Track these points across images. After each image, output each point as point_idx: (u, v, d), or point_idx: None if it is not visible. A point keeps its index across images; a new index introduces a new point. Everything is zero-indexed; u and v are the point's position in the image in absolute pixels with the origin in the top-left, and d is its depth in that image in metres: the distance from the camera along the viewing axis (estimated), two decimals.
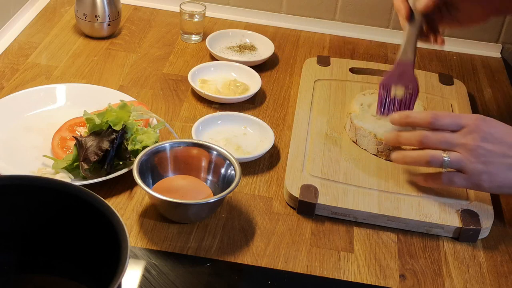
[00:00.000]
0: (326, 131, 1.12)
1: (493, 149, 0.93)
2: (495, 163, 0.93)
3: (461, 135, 0.95)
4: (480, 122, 0.94)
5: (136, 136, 1.01)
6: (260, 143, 1.09)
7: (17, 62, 1.26)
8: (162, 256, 0.91)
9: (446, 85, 1.27)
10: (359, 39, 1.46)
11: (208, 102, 1.20)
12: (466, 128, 0.94)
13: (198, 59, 1.32)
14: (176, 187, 0.98)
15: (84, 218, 0.77)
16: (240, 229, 0.96)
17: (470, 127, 0.94)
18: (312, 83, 1.24)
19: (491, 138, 0.93)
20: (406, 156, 0.99)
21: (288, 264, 0.92)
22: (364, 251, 0.95)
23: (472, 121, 0.94)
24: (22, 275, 0.82)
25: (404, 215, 0.98)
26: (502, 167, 0.93)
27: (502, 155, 0.93)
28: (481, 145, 0.93)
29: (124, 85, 1.22)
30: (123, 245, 0.70)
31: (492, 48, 1.45)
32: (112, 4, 1.33)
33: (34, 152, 1.03)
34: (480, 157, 0.93)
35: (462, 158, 0.94)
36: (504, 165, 0.93)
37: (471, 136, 0.94)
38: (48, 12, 1.43)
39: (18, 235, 0.80)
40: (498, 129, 0.94)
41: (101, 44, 1.34)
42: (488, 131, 0.94)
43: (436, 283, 0.91)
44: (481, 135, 0.93)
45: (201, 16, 1.36)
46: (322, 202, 0.98)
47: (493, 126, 0.95)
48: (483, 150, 0.93)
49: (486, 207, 1.00)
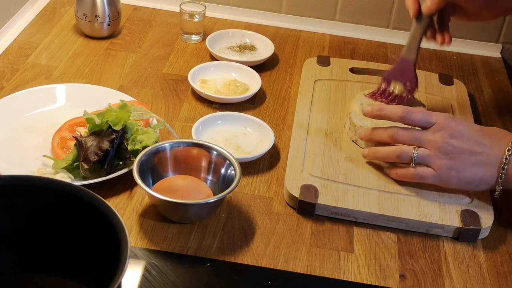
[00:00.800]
0: (326, 131, 1.12)
1: (461, 145, 0.96)
2: (463, 159, 0.96)
3: (430, 132, 0.98)
4: (449, 120, 0.97)
5: (136, 136, 1.01)
6: (260, 143, 1.09)
7: (17, 62, 1.26)
8: (162, 256, 0.91)
9: (446, 85, 1.27)
10: (359, 39, 1.46)
11: (208, 102, 1.20)
12: (435, 126, 0.97)
13: (198, 59, 1.32)
14: (176, 187, 0.98)
15: (84, 218, 0.77)
16: (240, 229, 0.96)
17: (439, 125, 0.97)
18: (312, 83, 1.24)
19: (459, 135, 0.96)
20: (377, 152, 1.03)
21: (288, 264, 0.92)
22: (364, 251, 0.95)
23: (442, 119, 0.97)
24: (22, 275, 0.82)
25: (404, 215, 0.98)
26: (470, 163, 0.96)
27: (469, 152, 0.96)
28: (449, 141, 0.96)
29: (124, 85, 1.22)
30: (123, 245, 0.70)
31: (492, 48, 1.45)
32: (112, 4, 1.33)
33: (34, 152, 1.03)
34: (448, 154, 0.96)
35: (430, 154, 0.97)
36: (471, 161, 0.96)
37: (440, 133, 0.97)
38: (48, 12, 1.43)
39: (18, 235, 0.80)
40: (466, 127, 0.97)
41: (101, 44, 1.34)
42: (456, 128, 0.97)
43: (436, 283, 0.91)
44: (449, 133, 0.96)
45: (201, 16, 1.36)
46: (322, 202, 0.98)
47: (462, 124, 0.97)
48: (451, 147, 0.96)
49: (486, 207, 1.00)
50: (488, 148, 0.96)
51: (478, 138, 0.96)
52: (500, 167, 0.95)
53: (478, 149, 0.96)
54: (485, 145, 0.96)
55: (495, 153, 0.95)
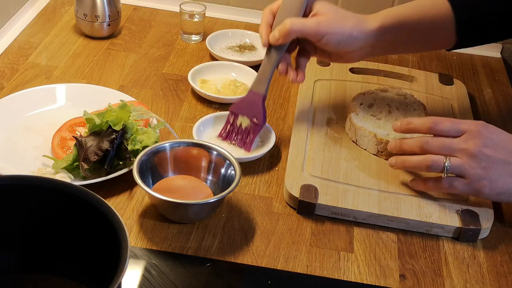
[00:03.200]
0: (326, 131, 1.12)
1: (494, 155, 0.93)
2: (496, 169, 0.94)
3: (462, 140, 0.95)
4: (481, 128, 0.95)
5: (136, 136, 1.01)
6: (260, 143, 1.09)
7: (17, 62, 1.26)
8: (162, 256, 0.91)
9: (446, 85, 1.27)
10: None
11: (208, 102, 1.20)
12: (467, 134, 0.95)
13: (198, 59, 1.32)
14: (176, 187, 0.98)
15: (84, 218, 0.77)
16: (240, 229, 0.96)
17: (471, 133, 0.94)
18: (312, 83, 1.24)
19: (492, 144, 0.94)
20: (406, 161, 0.99)
21: (288, 264, 0.92)
22: (364, 251, 0.95)
23: (473, 127, 0.95)
24: (22, 275, 0.82)
25: (404, 215, 0.98)
26: (503, 173, 0.94)
27: (502, 161, 0.94)
28: (482, 150, 0.93)
29: (124, 85, 1.22)
30: (123, 245, 0.70)
31: (492, 48, 1.45)
32: (112, 4, 1.33)
33: (34, 152, 1.03)
34: (481, 163, 0.93)
35: (463, 163, 0.94)
36: (504, 171, 0.94)
37: (473, 142, 0.94)
38: (48, 12, 1.43)
39: (18, 235, 0.80)
40: (499, 136, 0.95)
41: (101, 44, 1.34)
42: (489, 137, 0.94)
43: (436, 283, 0.91)
44: (482, 141, 0.94)
45: (201, 16, 1.36)
46: (322, 202, 0.98)
47: (495, 132, 0.95)
48: (484, 156, 0.93)
49: (486, 207, 1.00)
50: None
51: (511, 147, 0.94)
52: None
53: (511, 159, 0.94)
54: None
55: None
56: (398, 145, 1.01)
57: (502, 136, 0.95)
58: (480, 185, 0.94)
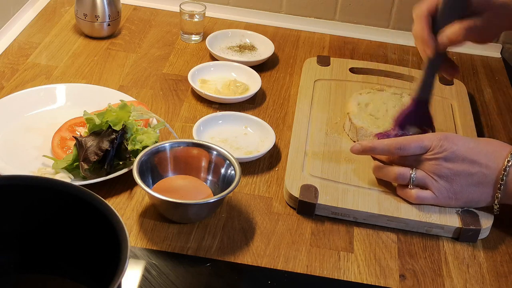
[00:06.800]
0: (326, 131, 1.12)
1: (456, 168, 0.96)
2: (459, 181, 0.96)
3: (426, 156, 0.97)
4: (443, 142, 0.96)
5: (136, 136, 1.01)
6: (260, 143, 1.09)
7: (17, 62, 1.26)
8: (162, 256, 0.91)
9: (446, 85, 1.27)
10: (359, 39, 1.46)
11: (208, 102, 1.20)
12: (430, 150, 0.97)
13: (198, 59, 1.32)
14: (176, 187, 0.98)
15: (84, 218, 0.77)
16: (240, 229, 0.96)
17: (434, 149, 0.96)
18: (312, 83, 1.24)
19: (453, 157, 0.96)
20: (379, 170, 1.02)
21: (288, 264, 0.92)
22: (364, 251, 0.95)
23: (435, 142, 0.96)
24: (22, 275, 0.82)
25: (404, 215, 0.98)
26: (466, 183, 0.96)
27: (464, 174, 0.96)
28: (443, 165, 0.96)
29: (124, 85, 1.22)
30: (123, 245, 0.70)
31: (492, 48, 1.45)
32: (112, 4, 1.33)
33: (34, 152, 1.03)
34: (443, 177, 0.96)
35: (428, 176, 0.97)
36: (468, 182, 0.96)
37: (434, 158, 0.96)
38: (48, 12, 1.43)
39: (18, 235, 0.80)
40: (461, 147, 0.96)
41: (101, 44, 1.34)
42: (450, 149, 0.96)
43: (436, 283, 0.91)
44: (444, 155, 0.96)
45: (201, 16, 1.36)
46: (322, 202, 0.98)
47: (456, 143, 0.96)
48: (446, 170, 0.96)
49: (486, 207, 1.00)
50: (484, 167, 0.95)
51: (473, 156, 0.95)
52: (496, 186, 0.95)
53: (473, 170, 0.95)
54: (480, 164, 0.95)
55: (491, 172, 0.95)
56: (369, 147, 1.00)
57: (463, 147, 0.96)
58: (446, 196, 0.97)
